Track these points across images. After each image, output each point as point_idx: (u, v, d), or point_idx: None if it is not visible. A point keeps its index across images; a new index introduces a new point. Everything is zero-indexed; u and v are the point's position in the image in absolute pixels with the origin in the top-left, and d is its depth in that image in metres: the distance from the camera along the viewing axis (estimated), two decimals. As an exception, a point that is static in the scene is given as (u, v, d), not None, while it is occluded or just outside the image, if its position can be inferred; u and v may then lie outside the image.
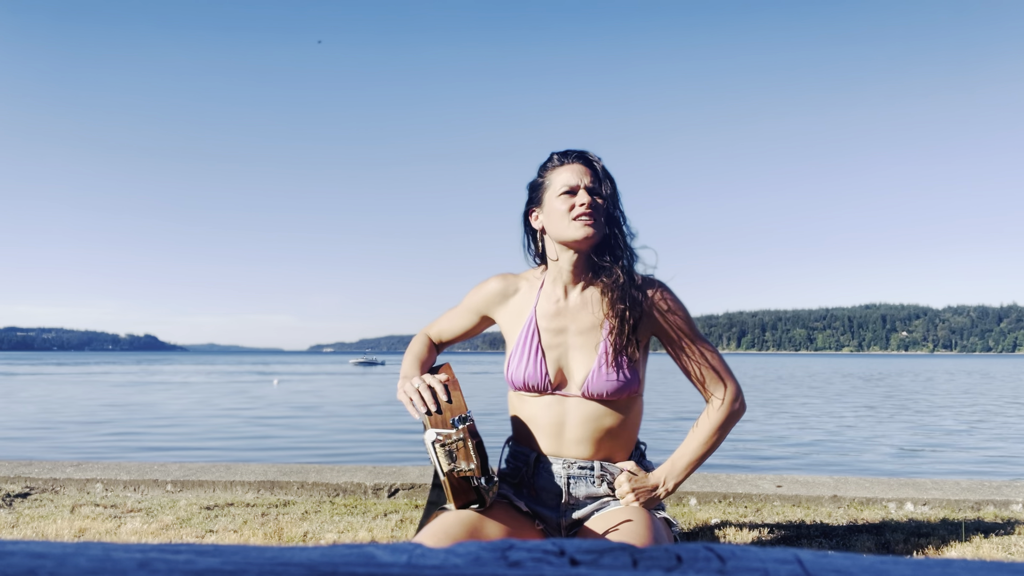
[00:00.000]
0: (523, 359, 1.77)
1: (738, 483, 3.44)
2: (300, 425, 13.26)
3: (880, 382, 33.14)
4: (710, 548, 0.44)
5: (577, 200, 1.72)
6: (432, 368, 1.86)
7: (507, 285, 1.87)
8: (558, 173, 1.76)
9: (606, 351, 1.73)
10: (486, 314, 1.91)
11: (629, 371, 1.73)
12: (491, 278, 1.90)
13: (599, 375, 1.72)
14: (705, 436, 1.77)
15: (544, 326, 1.79)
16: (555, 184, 1.75)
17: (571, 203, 1.72)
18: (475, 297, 1.91)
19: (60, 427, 12.50)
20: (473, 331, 1.96)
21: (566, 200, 1.73)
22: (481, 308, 1.90)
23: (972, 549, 2.51)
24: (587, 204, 1.71)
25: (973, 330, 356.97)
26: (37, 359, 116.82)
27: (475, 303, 1.91)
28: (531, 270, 1.90)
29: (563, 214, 1.72)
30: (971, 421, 14.42)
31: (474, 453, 1.56)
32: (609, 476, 1.76)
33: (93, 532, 2.70)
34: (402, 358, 1.92)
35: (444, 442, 1.56)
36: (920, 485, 3.42)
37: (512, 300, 1.87)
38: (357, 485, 3.36)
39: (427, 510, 1.78)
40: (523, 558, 0.42)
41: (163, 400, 20.19)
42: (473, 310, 1.92)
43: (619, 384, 1.72)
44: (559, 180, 1.75)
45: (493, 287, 1.88)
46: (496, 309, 1.88)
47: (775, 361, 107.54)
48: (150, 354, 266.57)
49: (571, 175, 1.74)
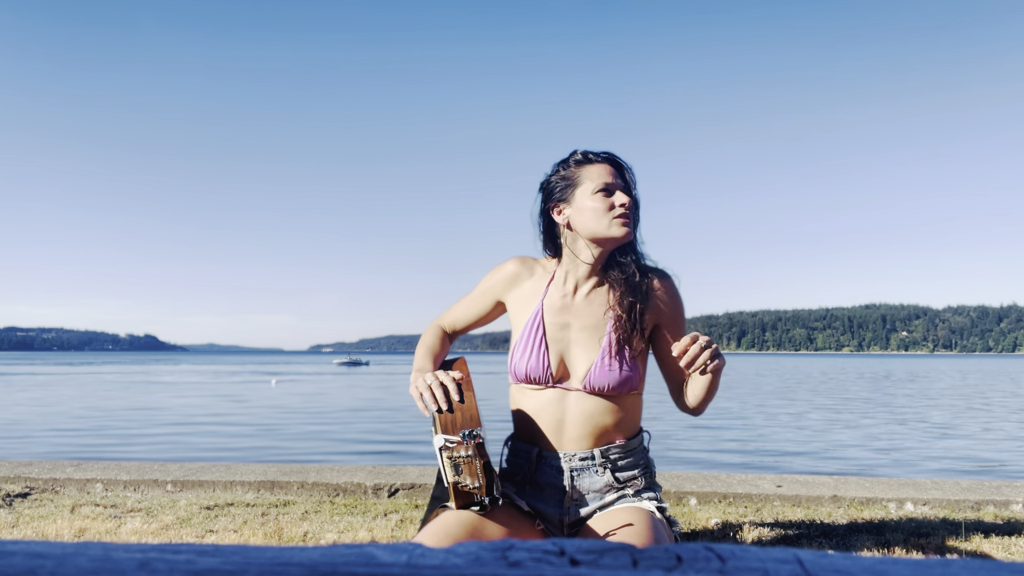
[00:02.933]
0: (527, 350, 1.78)
1: (738, 483, 3.44)
2: (300, 425, 13.26)
3: (882, 382, 33.12)
4: (710, 548, 0.44)
5: (617, 200, 1.74)
6: (446, 363, 1.85)
7: (523, 268, 1.87)
8: (588, 170, 1.77)
9: (610, 343, 1.74)
10: (500, 299, 1.90)
11: (631, 366, 1.75)
12: (509, 260, 1.90)
13: (601, 368, 1.73)
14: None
15: (550, 319, 1.80)
16: (588, 181, 1.76)
17: (609, 202, 1.74)
18: (490, 281, 1.90)
19: (60, 427, 12.50)
20: (488, 317, 1.94)
21: (603, 199, 1.74)
22: (496, 292, 1.90)
23: (972, 549, 2.51)
24: (627, 205, 1.73)
25: (973, 330, 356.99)
26: (37, 359, 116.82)
27: (490, 287, 1.90)
28: (548, 260, 1.90)
29: (601, 212, 1.73)
30: (971, 421, 14.41)
31: (481, 473, 1.54)
32: (609, 463, 1.77)
33: (93, 532, 2.70)
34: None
35: (451, 454, 1.54)
36: (920, 485, 3.42)
37: (525, 284, 1.86)
38: (357, 485, 3.36)
39: (431, 505, 1.78)
40: (523, 558, 0.42)
41: (163, 400, 20.19)
42: (488, 294, 1.91)
43: (621, 378, 1.73)
44: (593, 177, 1.76)
45: (509, 269, 1.88)
46: (508, 292, 1.88)
47: (775, 361, 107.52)
48: (150, 354, 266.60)
49: (604, 173, 1.76)
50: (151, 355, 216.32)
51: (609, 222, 1.73)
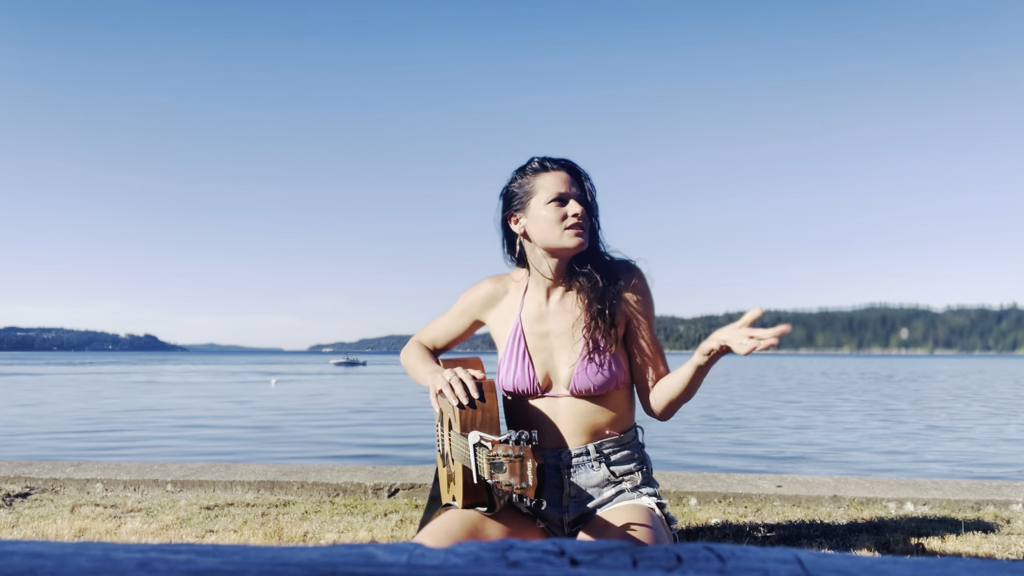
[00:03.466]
0: (512, 364, 1.81)
1: (738, 483, 3.44)
2: (299, 425, 13.26)
3: (882, 382, 33.12)
4: (710, 548, 0.44)
5: (569, 210, 1.73)
6: (461, 362, 1.87)
7: (497, 288, 1.91)
8: (543, 179, 1.77)
9: (586, 348, 1.76)
10: (477, 318, 1.94)
11: (613, 364, 1.76)
12: (483, 281, 1.93)
13: (582, 372, 1.75)
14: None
15: (529, 330, 1.82)
16: (541, 191, 1.76)
17: (562, 212, 1.74)
18: (466, 301, 1.94)
19: (60, 427, 12.51)
20: (464, 335, 1.99)
21: (556, 209, 1.74)
22: (473, 312, 1.94)
23: (972, 549, 2.51)
24: (579, 214, 1.73)
25: (973, 330, 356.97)
26: (37, 359, 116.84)
27: (466, 307, 1.94)
28: (518, 271, 1.92)
29: (554, 222, 1.74)
30: (971, 421, 14.41)
31: (533, 475, 1.51)
32: (604, 456, 1.78)
33: (93, 532, 2.70)
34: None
35: (493, 452, 1.50)
36: (920, 485, 3.42)
37: (502, 303, 1.90)
38: (357, 485, 3.36)
39: (429, 505, 1.78)
40: (523, 558, 0.42)
41: (163, 400, 20.19)
42: (466, 314, 1.95)
43: (604, 379, 1.75)
44: (547, 186, 1.76)
45: (484, 290, 1.92)
46: (486, 312, 1.92)
47: (775, 361, 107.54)
48: (150, 354, 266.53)
49: (558, 182, 1.75)
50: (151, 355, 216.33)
51: (561, 232, 1.73)
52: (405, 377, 38.58)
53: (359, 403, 19.27)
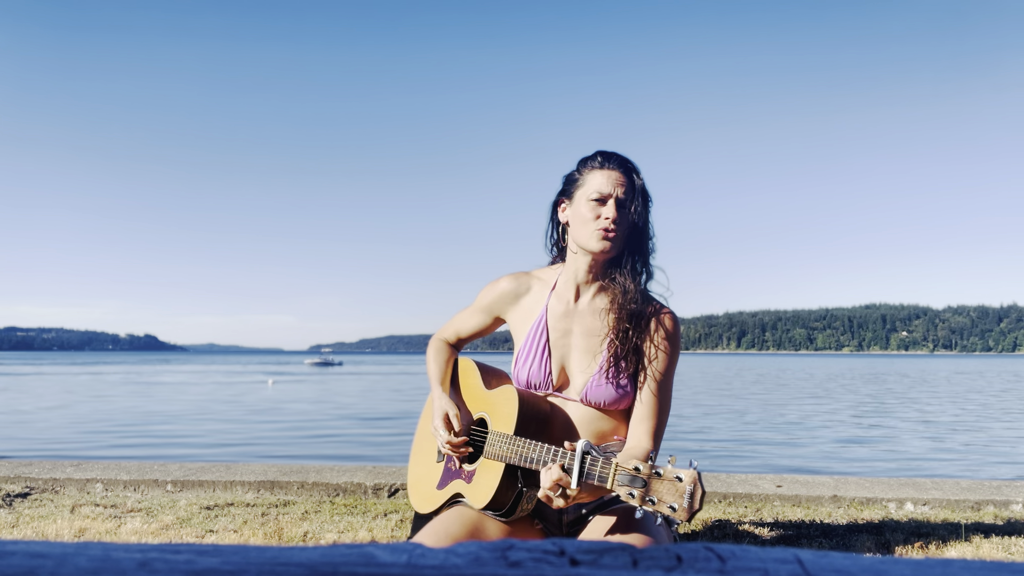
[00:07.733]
0: (529, 357, 1.80)
1: (738, 483, 3.44)
2: (299, 425, 13.26)
3: (883, 382, 33.14)
4: (710, 548, 0.44)
5: (604, 212, 1.71)
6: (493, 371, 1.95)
7: (519, 285, 1.89)
8: (594, 175, 1.75)
9: (606, 362, 1.74)
10: (498, 315, 1.93)
11: (627, 382, 1.75)
12: (503, 278, 1.92)
13: (597, 386, 1.74)
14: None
15: (553, 325, 1.81)
16: (589, 185, 1.74)
17: (598, 212, 1.71)
18: (487, 297, 1.93)
19: (60, 427, 12.50)
20: (487, 330, 1.99)
21: (595, 207, 1.72)
22: (494, 308, 1.93)
23: (972, 549, 2.51)
24: (612, 219, 1.70)
25: (973, 330, 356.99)
26: (37, 359, 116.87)
27: (487, 303, 1.93)
28: (543, 269, 1.92)
29: (587, 220, 1.72)
30: (972, 421, 14.42)
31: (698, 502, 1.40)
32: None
33: (93, 532, 2.70)
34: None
35: (637, 468, 1.42)
36: (920, 485, 3.42)
37: (524, 300, 1.88)
38: (357, 485, 3.36)
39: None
40: (523, 558, 0.42)
41: (163, 400, 20.19)
42: (486, 310, 1.94)
43: (616, 396, 1.74)
44: (593, 183, 1.74)
45: (505, 287, 1.90)
46: (508, 309, 1.90)
47: (775, 361, 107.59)
48: (150, 354, 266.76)
49: (606, 181, 1.72)
50: (151, 355, 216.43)
51: (591, 232, 1.71)
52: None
53: (359, 403, 19.27)
